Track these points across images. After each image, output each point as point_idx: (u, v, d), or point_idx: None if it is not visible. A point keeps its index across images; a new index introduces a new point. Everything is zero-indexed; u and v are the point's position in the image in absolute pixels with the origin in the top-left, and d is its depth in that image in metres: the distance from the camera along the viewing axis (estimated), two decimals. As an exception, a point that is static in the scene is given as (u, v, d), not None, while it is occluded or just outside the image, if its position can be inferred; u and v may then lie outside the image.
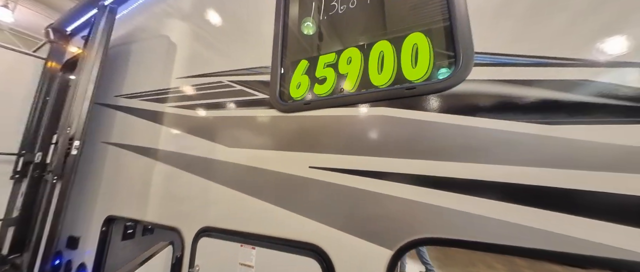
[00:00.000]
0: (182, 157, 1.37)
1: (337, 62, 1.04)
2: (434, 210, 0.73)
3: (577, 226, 0.59)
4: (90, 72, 1.65)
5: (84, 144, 1.57)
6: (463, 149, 0.73)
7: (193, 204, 1.25)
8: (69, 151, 1.51)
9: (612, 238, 0.56)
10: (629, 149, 0.58)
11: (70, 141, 1.52)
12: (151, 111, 1.63)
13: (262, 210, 1.02)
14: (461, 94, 0.77)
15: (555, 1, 0.72)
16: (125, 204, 1.57)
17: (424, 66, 0.86)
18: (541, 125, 0.67)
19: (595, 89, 0.63)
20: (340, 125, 0.94)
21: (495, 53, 0.75)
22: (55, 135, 2.15)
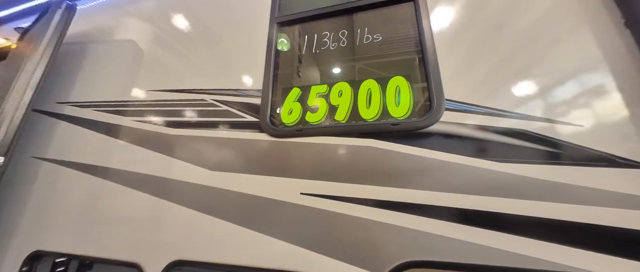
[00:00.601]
0: (150, 179, 1.22)
1: (329, 93, 1.12)
2: (420, 236, 0.82)
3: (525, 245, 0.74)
4: (32, 74, 1.38)
5: (10, 160, 1.27)
6: (439, 181, 0.86)
7: (161, 234, 1.10)
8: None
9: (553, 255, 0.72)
10: (545, 183, 0.77)
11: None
12: (112, 125, 1.43)
13: (250, 239, 0.97)
14: (436, 133, 0.92)
15: (500, 69, 0.95)
16: (62, 235, 1.28)
17: (405, 105, 1.00)
18: (493, 162, 0.84)
19: (522, 136, 0.84)
20: (333, 153, 1.00)
21: (461, 101, 0.93)
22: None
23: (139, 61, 1.60)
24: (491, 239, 0.77)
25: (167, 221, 1.12)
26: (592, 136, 0.79)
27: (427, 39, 1.05)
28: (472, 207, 0.81)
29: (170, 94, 1.39)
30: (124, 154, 1.34)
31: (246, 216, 1.01)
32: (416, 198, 0.86)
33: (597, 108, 0.82)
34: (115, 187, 1.27)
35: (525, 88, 0.90)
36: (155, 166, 1.24)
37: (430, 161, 0.89)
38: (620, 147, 0.75)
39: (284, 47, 1.31)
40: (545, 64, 0.91)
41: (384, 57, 1.14)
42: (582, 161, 0.78)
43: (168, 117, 1.33)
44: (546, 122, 0.84)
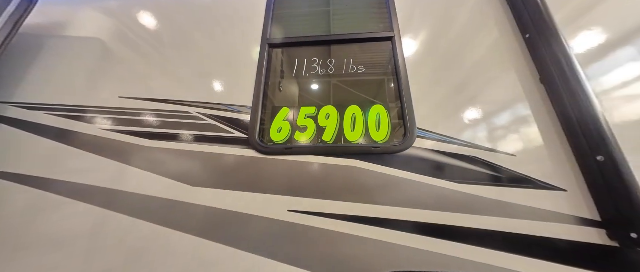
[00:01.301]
0: (120, 195, 1.11)
1: (317, 115, 1.21)
2: (399, 248, 0.92)
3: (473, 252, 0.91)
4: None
5: None
6: (414, 198, 1.00)
7: (129, 258, 1.01)
8: None
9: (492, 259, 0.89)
10: (490, 200, 0.97)
11: None
12: (71, 132, 1.28)
13: (232, 258, 0.96)
14: (409, 156, 1.07)
15: (456, 104, 1.17)
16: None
17: (385, 131, 1.14)
18: (453, 183, 1.01)
19: (474, 161, 1.04)
20: (320, 172, 1.07)
21: (428, 130, 1.11)
22: None
23: (111, 65, 1.48)
24: (454, 249, 0.91)
25: (136, 243, 1.03)
26: (521, 163, 1.02)
27: (402, 74, 1.24)
28: (439, 222, 0.96)
29: (147, 103, 1.32)
30: (84, 165, 1.20)
31: (231, 235, 1.00)
32: (394, 214, 0.98)
33: (525, 142, 1.07)
34: (68, 203, 1.12)
35: (475, 121, 1.12)
36: (126, 180, 1.14)
37: (404, 180, 1.03)
38: (539, 173, 0.99)
39: (276, 67, 1.37)
40: (490, 103, 1.15)
41: (366, 86, 1.29)
42: (515, 183, 0.99)
43: (144, 128, 1.25)
44: (490, 151, 1.06)
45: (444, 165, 1.05)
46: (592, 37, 1.22)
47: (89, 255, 1.02)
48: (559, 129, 1.04)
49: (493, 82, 1.20)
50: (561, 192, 0.96)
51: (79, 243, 1.05)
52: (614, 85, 1.10)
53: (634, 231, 0.81)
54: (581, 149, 0.96)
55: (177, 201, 1.06)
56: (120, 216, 1.07)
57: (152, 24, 1.61)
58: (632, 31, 1.22)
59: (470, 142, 1.08)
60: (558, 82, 1.07)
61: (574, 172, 0.97)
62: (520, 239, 0.91)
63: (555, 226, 0.92)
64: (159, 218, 1.04)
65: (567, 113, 1.02)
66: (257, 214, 1.01)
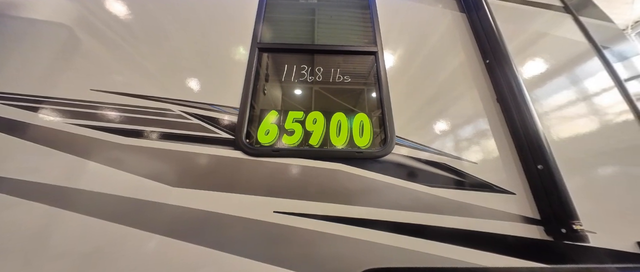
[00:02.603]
0: (82, 194, 1.02)
1: (305, 120, 1.26)
2: (376, 246, 1.00)
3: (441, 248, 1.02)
4: None
5: None
6: (392, 200, 1.09)
7: (90, 262, 0.93)
8: None
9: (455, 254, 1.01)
10: (455, 202, 1.10)
11: None
12: (25, 124, 1.15)
13: (214, 260, 0.94)
14: (389, 161, 1.17)
15: (426, 115, 1.31)
16: None
17: (367, 137, 1.23)
18: (424, 186, 1.13)
19: (442, 167, 1.18)
20: (306, 174, 1.11)
21: (404, 137, 1.23)
22: None
23: (80, 55, 1.37)
24: (424, 246, 1.02)
25: (98, 244, 0.95)
26: (481, 170, 1.18)
27: (384, 86, 1.35)
28: (412, 221, 1.06)
29: (124, 97, 1.25)
30: (39, 162, 1.09)
31: (215, 237, 0.98)
32: (374, 214, 1.05)
33: (484, 151, 1.24)
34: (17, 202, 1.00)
35: (444, 132, 1.27)
36: (88, 178, 1.06)
37: (383, 183, 1.12)
38: (495, 179, 1.16)
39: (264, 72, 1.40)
40: (456, 117, 1.31)
41: (351, 95, 1.38)
42: (476, 187, 1.15)
43: (119, 124, 1.18)
44: (456, 159, 1.21)
45: (417, 170, 1.16)
46: (536, 65, 1.48)
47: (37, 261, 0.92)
48: (510, 141, 1.23)
49: (459, 98, 1.37)
50: (511, 195, 1.13)
51: (26, 248, 0.94)
52: (551, 107, 1.34)
53: (563, 227, 1.00)
54: (526, 158, 1.15)
55: (157, 202, 1.01)
56: (81, 218, 0.98)
57: (136, 18, 1.53)
58: (566, 62, 1.50)
59: (440, 150, 1.21)
60: (510, 101, 1.27)
61: (521, 178, 1.16)
62: (478, 235, 1.05)
63: (506, 224, 1.07)
64: (128, 219, 0.98)
65: (516, 128, 1.21)
66: (242, 215, 1.01)
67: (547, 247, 1.03)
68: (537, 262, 1.01)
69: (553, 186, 1.05)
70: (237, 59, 1.38)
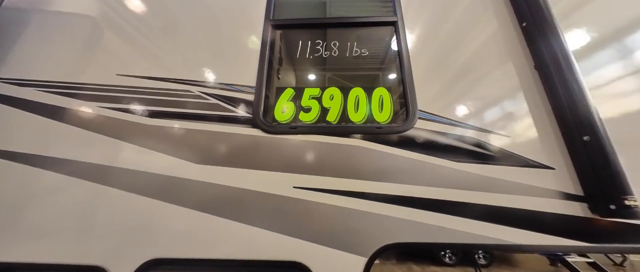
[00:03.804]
0: (118, 172, 1.10)
1: (321, 96, 1.22)
2: (397, 221, 0.97)
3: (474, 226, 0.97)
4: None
5: None
6: (414, 175, 1.04)
7: (132, 232, 1.01)
8: None
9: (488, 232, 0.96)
10: (485, 178, 1.03)
11: None
12: (64, 109, 1.24)
13: (239, 232, 0.98)
14: (411, 137, 1.11)
15: (455, 87, 1.21)
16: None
17: (387, 112, 1.17)
18: (452, 162, 1.06)
19: (471, 142, 1.10)
20: (324, 150, 1.09)
21: (429, 112, 1.15)
22: None
23: (106, 41, 1.43)
24: (451, 222, 0.97)
25: (137, 218, 1.03)
26: (514, 143, 1.08)
27: (405, 57, 1.26)
28: (436, 197, 1.01)
29: (147, 81, 1.29)
30: (79, 142, 1.18)
31: (237, 210, 1.01)
32: (395, 190, 1.02)
33: (518, 123, 1.13)
34: (64, 179, 1.10)
35: (473, 104, 1.17)
36: (123, 157, 1.13)
37: (406, 159, 1.07)
38: (531, 153, 1.06)
39: (279, 48, 1.36)
40: (485, 87, 1.20)
41: (369, 69, 1.31)
42: (508, 162, 1.06)
43: (144, 106, 1.23)
44: (486, 132, 1.12)
45: (442, 145, 1.09)
46: (585, 31, 1.29)
47: (84, 230, 1.02)
48: (549, 111, 1.11)
49: (490, 66, 1.24)
50: (549, 170, 1.03)
51: (74, 219, 1.04)
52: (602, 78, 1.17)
53: (612, 203, 0.89)
54: (569, 129, 1.03)
55: (184, 178, 1.06)
56: (118, 192, 1.06)
57: (151, 7, 1.55)
58: (620, 29, 1.29)
59: (468, 123, 1.13)
60: (551, 68, 1.12)
61: (562, 152, 1.04)
62: (509, 212, 0.98)
63: (542, 200, 0.99)
64: (164, 194, 1.04)
65: (558, 97, 1.08)
66: (263, 190, 1.03)
67: (590, 225, 0.94)
68: (578, 241, 0.92)
69: (602, 159, 0.93)
70: (252, 38, 1.36)
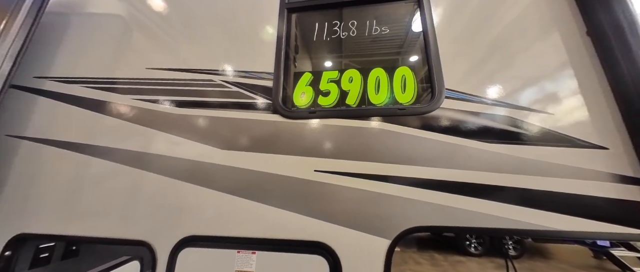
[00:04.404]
0: (154, 158, 1.19)
1: (340, 79, 1.19)
2: (422, 205, 0.94)
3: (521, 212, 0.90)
4: (10, 39, 1.25)
5: (-14, 136, 1.15)
6: (439, 158, 0.99)
7: (170, 212, 1.10)
8: (-41, 145, 1.07)
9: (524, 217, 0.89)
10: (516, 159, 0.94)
11: (-35, 130, 1.09)
12: (105, 102, 1.35)
13: (264, 213, 1.02)
14: (436, 117, 1.04)
15: (488, 62, 1.10)
16: (50, 218, 1.20)
17: (410, 93, 1.11)
18: (485, 143, 0.99)
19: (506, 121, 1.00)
20: (344, 134, 1.08)
21: (458, 91, 1.06)
22: None
23: (135, 37, 1.51)
24: (481, 205, 0.91)
25: (173, 199, 1.12)
26: (559, 122, 0.97)
27: (430, 34, 1.17)
28: (465, 180, 0.96)
29: (172, 73, 1.36)
30: (119, 132, 1.29)
31: (260, 192, 1.05)
32: (419, 173, 0.98)
33: (564, 99, 1.00)
34: (111, 166, 1.22)
35: (509, 79, 1.06)
36: (157, 145, 1.22)
37: (430, 141, 1.02)
38: (579, 131, 0.94)
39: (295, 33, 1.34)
40: (524, 60, 1.07)
41: (390, 47, 1.24)
42: (550, 142, 0.95)
43: (172, 97, 1.30)
44: (524, 109, 1.01)
45: (473, 125, 1.02)
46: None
47: (129, 210, 1.13)
48: (603, 84, 0.96)
49: (530, 38, 1.10)
50: (601, 150, 0.91)
51: (121, 200, 1.16)
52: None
53: (683, 187, 0.77)
54: (629, 104, 0.89)
55: (211, 163, 1.12)
56: (156, 177, 1.16)
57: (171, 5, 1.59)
58: None
59: (504, 101, 1.03)
60: (610, 34, 0.96)
61: (618, 129, 0.91)
62: (551, 196, 0.89)
63: (590, 183, 0.88)
64: (195, 178, 1.11)
65: (618, 68, 0.93)
66: (284, 173, 1.06)
67: (651, 212, 0.83)
68: (634, 229, 0.82)
69: (671, 136, 0.80)
70: (268, 23, 1.35)
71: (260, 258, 0.98)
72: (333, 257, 0.94)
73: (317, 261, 0.94)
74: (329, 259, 0.94)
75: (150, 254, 1.04)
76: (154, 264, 1.02)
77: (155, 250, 1.04)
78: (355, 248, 0.94)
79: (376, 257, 0.92)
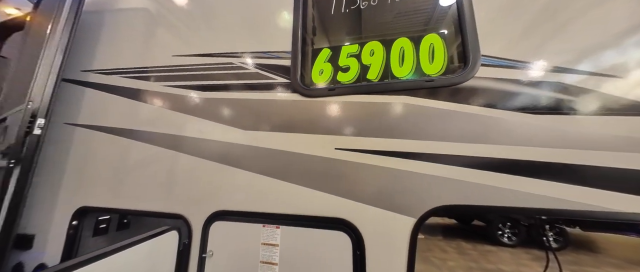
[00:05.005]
0: (185, 140, 1.28)
1: (360, 53, 1.12)
2: (451, 183, 0.88)
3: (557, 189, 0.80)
4: (58, 38, 1.39)
5: (49, 123, 1.32)
6: (473, 132, 0.90)
7: (201, 189, 1.18)
8: (29, 131, 1.25)
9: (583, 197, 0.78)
10: (568, 132, 0.81)
11: (32, 118, 1.26)
12: (139, 90, 1.46)
13: (286, 191, 1.04)
14: (471, 88, 0.94)
15: (537, 23, 0.94)
16: (103, 194, 1.38)
17: (440, 63, 1.01)
18: (528, 115, 0.87)
19: (560, 88, 0.86)
20: (366, 110, 1.03)
21: (497, 57, 0.94)
22: None
23: (160, 27, 1.58)
24: (522, 183, 0.82)
25: (204, 178, 1.19)
26: (629, 86, 0.81)
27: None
28: (502, 156, 0.86)
29: (195, 58, 1.40)
30: (154, 117, 1.39)
31: (282, 171, 1.07)
32: (449, 149, 0.91)
33: (635, 58, 0.83)
34: (149, 148, 1.34)
35: (563, 42, 0.90)
36: (187, 128, 1.29)
37: (463, 115, 0.93)
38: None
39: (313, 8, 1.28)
40: (582, 19, 0.90)
41: (416, 14, 1.12)
42: (615, 111, 0.80)
43: (196, 81, 1.35)
44: (580, 73, 0.86)
45: (517, 95, 0.90)
46: None
47: (167, 187, 1.23)
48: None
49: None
50: (686, 117, 0.74)
51: (159, 178, 1.27)
52: None
53: None
54: None
55: (235, 143, 1.16)
56: (188, 157, 1.24)
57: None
58: None
59: (553, 65, 0.88)
60: None
61: None
62: (615, 173, 0.76)
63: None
64: (222, 158, 1.17)
65: None
66: (305, 152, 1.05)
67: None
68: None
69: None
70: (284, 2, 1.30)
71: (284, 232, 1.01)
72: (356, 234, 0.93)
73: (340, 237, 0.94)
74: (351, 235, 0.93)
75: (186, 226, 1.14)
76: (190, 234, 1.12)
77: (190, 222, 1.14)
78: (379, 225, 0.92)
79: (401, 235, 0.89)
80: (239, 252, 1.05)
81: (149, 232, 1.01)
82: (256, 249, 1.02)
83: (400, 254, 0.89)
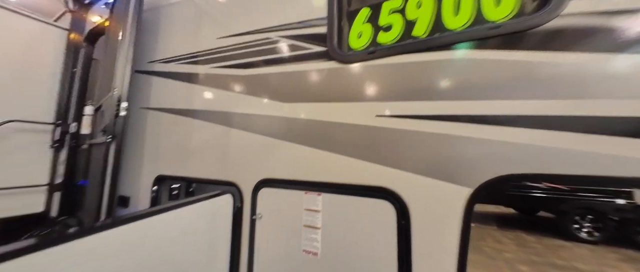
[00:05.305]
0: (234, 116, 1.38)
1: (405, 7, 0.99)
2: (520, 148, 0.74)
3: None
4: (127, 36, 1.62)
5: (129, 106, 1.60)
6: (555, 87, 0.72)
7: (249, 159, 1.29)
8: (118, 112, 1.54)
9: None
10: None
11: (118, 102, 1.54)
12: (192, 74, 1.62)
13: (327, 160, 1.05)
14: (551, 31, 0.74)
15: None
16: (172, 165, 1.63)
17: (510, 3, 0.82)
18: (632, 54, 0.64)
19: None
20: (410, 72, 0.92)
21: (599, -18, 0.71)
22: (86, 106, 2.19)
23: (204, 14, 1.69)
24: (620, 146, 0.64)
25: (251, 149, 1.28)
26: None
27: None
28: (596, 114, 0.67)
29: (236, 38, 1.46)
30: (206, 97, 1.54)
31: (321, 141, 1.07)
32: (514, 109, 0.75)
33: None
34: (205, 125, 1.50)
35: None
36: (234, 104, 1.39)
37: (539, 65, 0.74)
38: None
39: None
40: None
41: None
42: None
43: (238, 60, 1.42)
44: None
45: (619, 32, 0.67)
46: None
47: (221, 158, 1.38)
48: None
49: None
50: None
51: (214, 151, 1.42)
52: None
53: None
54: None
55: (277, 116, 1.21)
56: (237, 131, 1.34)
57: None
58: None
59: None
60: None
61: None
62: None
63: None
64: (263, 130, 1.24)
65: None
66: (346, 121, 1.02)
67: None
68: None
69: None
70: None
71: (325, 199, 1.03)
72: (400, 203, 0.89)
73: (383, 206, 0.91)
74: (395, 204, 0.89)
75: (238, 192, 1.27)
76: (241, 199, 1.24)
77: (241, 189, 1.26)
78: (427, 196, 0.85)
79: (453, 206, 0.81)
80: (284, 216, 1.12)
81: (206, 194, 1.16)
82: (299, 214, 1.07)
83: (452, 227, 0.81)
